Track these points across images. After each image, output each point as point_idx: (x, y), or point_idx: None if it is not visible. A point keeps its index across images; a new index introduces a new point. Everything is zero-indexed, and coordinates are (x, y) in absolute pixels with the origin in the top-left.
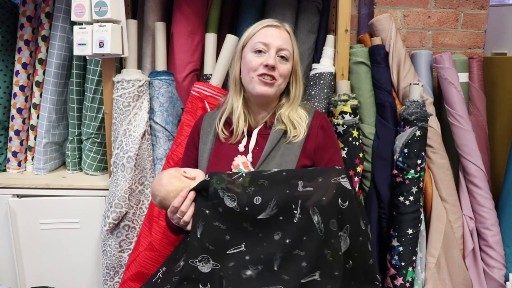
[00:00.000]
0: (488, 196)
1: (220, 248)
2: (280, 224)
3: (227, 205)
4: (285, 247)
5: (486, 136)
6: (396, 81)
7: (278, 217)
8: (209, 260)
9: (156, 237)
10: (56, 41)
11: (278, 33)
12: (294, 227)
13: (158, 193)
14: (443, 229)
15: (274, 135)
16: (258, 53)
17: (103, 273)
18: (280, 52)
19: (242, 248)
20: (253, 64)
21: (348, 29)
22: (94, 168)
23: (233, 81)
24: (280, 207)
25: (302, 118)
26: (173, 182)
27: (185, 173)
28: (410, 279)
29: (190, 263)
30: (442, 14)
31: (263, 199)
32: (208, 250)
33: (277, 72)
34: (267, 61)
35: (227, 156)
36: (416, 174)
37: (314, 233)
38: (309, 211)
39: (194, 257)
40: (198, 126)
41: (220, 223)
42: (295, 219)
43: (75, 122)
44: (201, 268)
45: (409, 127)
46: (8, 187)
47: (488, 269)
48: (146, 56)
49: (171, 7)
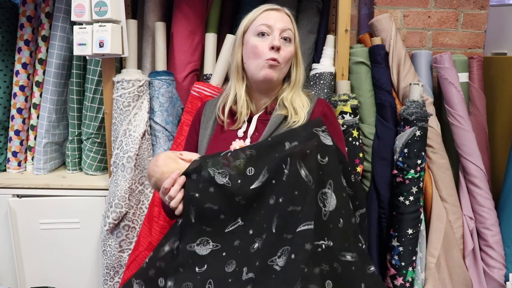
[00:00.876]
0: (488, 196)
1: (217, 228)
2: (273, 188)
3: (217, 182)
4: (279, 206)
5: (486, 136)
6: (396, 81)
7: (271, 181)
8: (208, 242)
9: (156, 237)
10: (56, 41)
11: (279, 15)
12: (283, 184)
13: (153, 173)
14: (443, 229)
15: (273, 120)
16: (261, 36)
17: (103, 273)
18: (283, 33)
19: (239, 222)
20: (259, 49)
21: (348, 29)
22: (94, 168)
23: (235, 69)
24: (271, 170)
25: (304, 104)
26: (169, 164)
27: (181, 156)
28: (410, 279)
29: (188, 248)
30: (442, 14)
31: (256, 168)
32: (206, 232)
33: (282, 54)
34: (273, 42)
35: (226, 141)
36: (416, 174)
37: (304, 185)
38: (296, 165)
39: (191, 241)
40: (200, 112)
41: (211, 204)
42: (284, 177)
43: (75, 122)
44: (199, 251)
45: (409, 127)
46: (8, 187)
47: (488, 269)
48: (146, 56)
49: (171, 7)
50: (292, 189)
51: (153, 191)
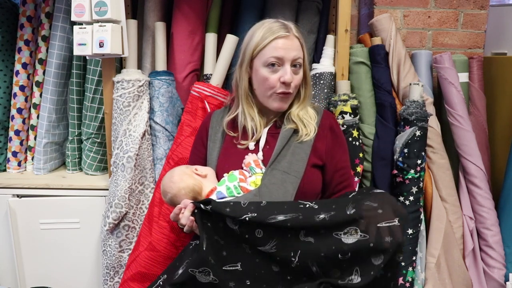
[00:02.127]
0: (488, 196)
1: (218, 262)
2: (278, 262)
3: (228, 224)
4: (285, 281)
5: (486, 136)
6: (396, 81)
7: (276, 257)
8: (209, 273)
9: (156, 237)
10: (56, 41)
11: (290, 44)
12: (294, 270)
13: (169, 190)
14: (443, 229)
15: (284, 134)
16: (271, 67)
17: (103, 273)
18: (293, 61)
19: (238, 267)
20: (270, 82)
21: (348, 29)
22: (94, 168)
23: (243, 93)
24: (278, 250)
25: (312, 117)
26: (185, 179)
27: (197, 171)
28: (410, 279)
29: (190, 272)
30: (442, 14)
31: (264, 234)
32: (210, 264)
33: (293, 84)
34: (284, 78)
35: (237, 155)
36: (416, 174)
37: (314, 276)
38: (307, 262)
39: (195, 267)
40: (207, 124)
41: (219, 237)
42: (293, 265)
43: (75, 122)
44: (199, 278)
45: (409, 127)
46: (8, 187)
47: (488, 269)
48: (146, 56)
49: (171, 7)
50: (301, 276)
51: (153, 191)
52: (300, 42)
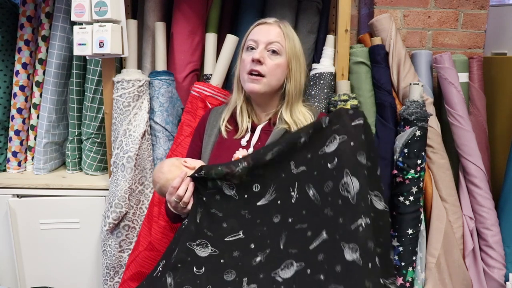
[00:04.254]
0: (488, 196)
1: (218, 234)
2: (278, 208)
3: (225, 193)
4: (287, 225)
5: (486, 136)
6: (396, 81)
7: (277, 201)
8: (207, 245)
9: (156, 237)
10: (56, 41)
11: (267, 28)
12: (293, 207)
13: (158, 180)
14: (443, 229)
15: (276, 132)
16: (250, 50)
17: (103, 273)
18: (269, 46)
19: (240, 235)
20: (244, 63)
21: (348, 29)
22: (94, 168)
23: (235, 80)
24: (278, 191)
25: (306, 118)
26: (173, 171)
27: (186, 163)
28: (410, 279)
29: (188, 245)
30: (442, 14)
31: (261, 186)
32: (206, 236)
33: (265, 67)
34: (253, 55)
35: (229, 150)
36: (416, 174)
37: (312, 204)
38: (304, 188)
39: (191, 240)
40: (205, 119)
41: (217, 210)
42: (293, 200)
43: (75, 122)
44: (198, 251)
45: (409, 127)
46: (8, 187)
47: (488, 269)
48: (146, 56)
49: (171, 7)
50: (300, 209)
51: (153, 191)
52: (283, 31)
